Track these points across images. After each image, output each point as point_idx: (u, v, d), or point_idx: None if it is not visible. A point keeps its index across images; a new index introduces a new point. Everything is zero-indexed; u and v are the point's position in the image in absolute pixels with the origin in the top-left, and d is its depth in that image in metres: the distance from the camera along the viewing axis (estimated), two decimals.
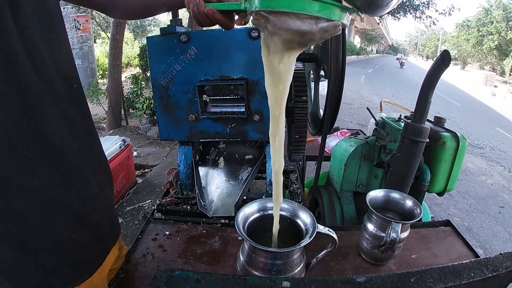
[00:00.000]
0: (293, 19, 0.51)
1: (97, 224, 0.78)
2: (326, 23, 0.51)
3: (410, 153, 1.15)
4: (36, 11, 0.63)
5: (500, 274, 0.47)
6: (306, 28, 0.51)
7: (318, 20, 0.51)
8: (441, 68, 1.05)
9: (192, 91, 1.13)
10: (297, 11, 0.50)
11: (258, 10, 0.54)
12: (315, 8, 0.50)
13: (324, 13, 0.50)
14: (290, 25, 0.51)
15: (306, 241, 0.66)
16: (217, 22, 0.67)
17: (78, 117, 0.74)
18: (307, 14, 0.50)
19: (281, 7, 0.50)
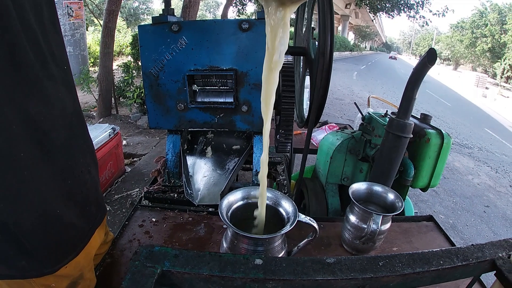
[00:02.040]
0: None
1: (83, 204, 0.79)
2: None
3: (393, 148, 1.17)
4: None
5: (470, 264, 0.49)
6: None
7: None
8: (426, 65, 1.07)
9: (182, 80, 1.14)
10: None
11: None
12: None
13: None
14: None
15: (287, 229, 0.68)
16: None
17: (68, 97, 0.74)
18: None
19: None
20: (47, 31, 0.68)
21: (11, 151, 0.59)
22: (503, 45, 30.85)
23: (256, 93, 1.12)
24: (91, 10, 9.17)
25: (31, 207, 0.65)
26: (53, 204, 0.69)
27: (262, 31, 1.04)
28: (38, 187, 0.65)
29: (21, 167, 0.61)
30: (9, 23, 0.57)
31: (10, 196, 0.61)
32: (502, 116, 13.43)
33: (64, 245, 0.73)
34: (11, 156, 0.59)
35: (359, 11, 34.46)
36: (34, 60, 0.63)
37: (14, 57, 0.58)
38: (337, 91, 10.99)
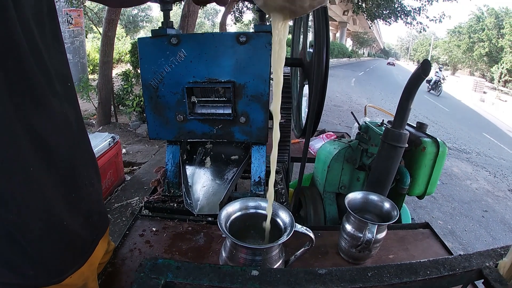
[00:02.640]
0: None
1: (87, 215, 0.81)
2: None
3: (389, 158, 1.19)
4: (35, 7, 0.66)
5: (456, 274, 0.52)
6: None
7: None
8: (421, 77, 1.09)
9: (181, 92, 1.16)
10: None
11: None
12: None
13: None
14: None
15: (284, 239, 0.70)
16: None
17: (72, 113, 0.77)
18: None
19: None
20: (51, 48, 0.71)
21: (19, 164, 0.62)
22: (501, 49, 31.00)
23: (254, 104, 1.14)
24: (90, 17, 9.23)
25: (37, 216, 0.66)
26: (58, 214, 0.71)
27: (260, 44, 1.07)
28: (44, 197, 0.67)
29: (27, 179, 0.64)
30: (16, 41, 0.59)
31: (16, 205, 0.63)
32: (500, 121, 13.46)
33: (70, 255, 0.75)
34: (19, 169, 0.62)
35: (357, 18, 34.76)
36: (40, 77, 0.65)
37: (22, 75, 0.61)
38: (336, 98, 11.04)
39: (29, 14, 0.63)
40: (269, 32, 1.08)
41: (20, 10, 0.60)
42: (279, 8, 0.58)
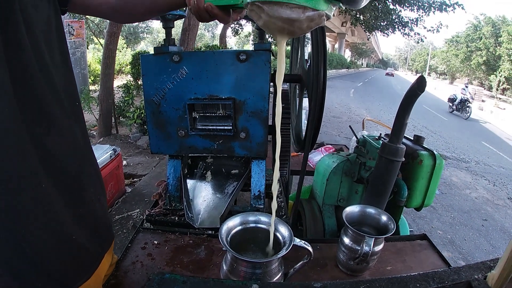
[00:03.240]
0: (284, 8, 0.58)
1: (94, 228, 0.84)
2: (312, 12, 0.59)
3: (386, 171, 1.22)
4: (44, 31, 0.70)
5: (445, 286, 0.54)
6: (294, 16, 0.59)
7: (305, 9, 0.59)
8: (416, 93, 1.12)
9: (183, 108, 1.19)
10: (287, 1, 0.58)
11: (253, 1, 0.61)
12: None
13: (310, 3, 0.58)
14: (280, 13, 0.59)
15: (283, 253, 0.72)
16: (215, 16, 0.75)
17: (79, 131, 0.80)
18: (296, 4, 0.58)
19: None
20: (60, 69, 0.75)
21: (30, 180, 0.65)
22: (498, 58, 31.16)
23: (253, 120, 1.17)
24: (91, 28, 9.31)
25: (46, 230, 0.69)
26: (66, 228, 0.73)
27: (259, 61, 1.11)
28: (53, 212, 0.70)
29: (38, 195, 0.67)
30: (28, 64, 0.63)
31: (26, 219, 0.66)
32: (499, 129, 13.48)
33: (77, 268, 0.78)
34: (30, 185, 0.65)
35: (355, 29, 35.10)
36: (50, 97, 0.69)
37: (33, 95, 0.65)
38: (335, 109, 11.07)
39: (41, 38, 0.67)
40: (268, 50, 1.11)
41: (31, 34, 0.64)
42: (279, 28, 0.63)
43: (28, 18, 0.63)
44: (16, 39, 0.60)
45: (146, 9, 0.92)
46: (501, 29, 30.83)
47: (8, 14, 0.59)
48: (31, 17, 0.64)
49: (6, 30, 0.58)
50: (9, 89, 0.59)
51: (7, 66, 0.59)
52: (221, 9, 0.74)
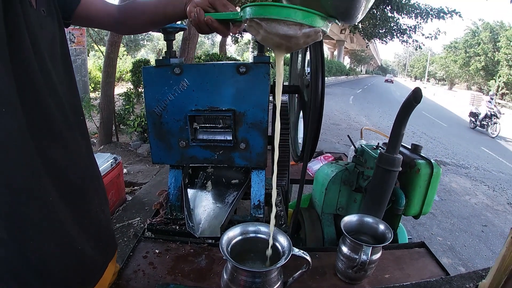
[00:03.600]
0: (281, 25, 0.62)
1: (98, 238, 0.85)
2: (308, 29, 0.63)
3: (383, 181, 1.24)
4: (50, 48, 0.72)
5: None
6: (291, 33, 0.62)
7: (302, 26, 0.62)
8: (412, 104, 1.15)
9: (184, 119, 1.21)
10: (285, 18, 0.61)
11: (252, 18, 0.65)
12: (299, 16, 0.61)
13: (307, 20, 0.62)
14: (278, 30, 0.62)
15: (282, 263, 0.74)
16: (215, 30, 0.79)
17: (84, 145, 0.83)
18: (293, 21, 0.61)
19: (271, 15, 0.62)
20: (65, 83, 0.77)
21: (37, 192, 0.67)
22: (497, 63, 31.26)
23: (253, 131, 1.19)
24: (91, 36, 9.37)
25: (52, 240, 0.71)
26: (72, 237, 0.75)
27: (258, 74, 1.13)
28: (59, 223, 0.72)
29: (44, 206, 0.69)
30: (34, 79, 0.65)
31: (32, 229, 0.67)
32: None
33: (83, 277, 0.79)
34: (37, 197, 0.67)
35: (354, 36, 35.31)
36: (55, 110, 0.71)
37: (40, 109, 0.67)
38: (334, 116, 11.08)
39: (46, 55, 0.70)
40: (267, 63, 1.14)
41: (38, 51, 0.67)
42: (277, 44, 0.66)
43: (34, 37, 0.66)
44: (23, 57, 0.63)
45: (147, 21, 0.95)
46: (500, 34, 30.99)
47: (15, 33, 0.62)
48: (37, 36, 0.67)
49: (13, 48, 0.61)
50: (16, 104, 0.62)
51: (15, 82, 0.61)
52: (220, 23, 0.77)
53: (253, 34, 0.68)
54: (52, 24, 0.75)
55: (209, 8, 0.79)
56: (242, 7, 0.69)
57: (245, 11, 0.67)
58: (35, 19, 0.68)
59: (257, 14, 0.64)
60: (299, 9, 0.61)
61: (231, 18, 0.76)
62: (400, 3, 9.96)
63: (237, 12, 0.73)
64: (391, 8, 10.22)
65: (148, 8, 0.93)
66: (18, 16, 0.62)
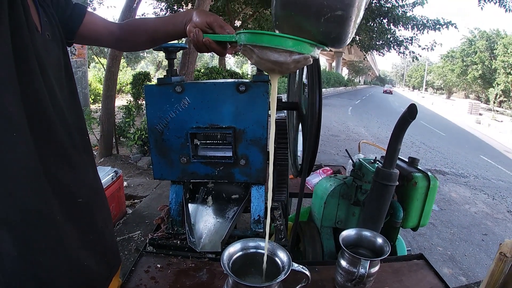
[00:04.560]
0: (272, 52, 0.66)
1: (103, 254, 0.88)
2: (298, 55, 0.67)
3: (381, 195, 1.26)
4: (56, 70, 0.76)
5: None
6: (282, 59, 0.66)
7: (292, 53, 0.66)
8: (408, 120, 1.18)
9: (185, 136, 1.23)
10: (275, 46, 0.65)
11: (245, 44, 0.69)
12: (289, 44, 0.65)
13: (296, 48, 0.66)
14: (269, 57, 0.66)
15: (281, 278, 0.76)
16: (212, 50, 0.83)
17: (89, 164, 0.86)
18: (283, 48, 0.65)
19: (263, 42, 0.66)
20: (70, 106, 0.80)
21: (45, 214, 0.70)
22: (494, 71, 31.38)
23: (253, 148, 1.22)
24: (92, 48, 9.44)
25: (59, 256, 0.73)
26: (78, 254, 0.78)
27: (257, 92, 1.16)
28: (66, 241, 0.74)
29: (52, 227, 0.71)
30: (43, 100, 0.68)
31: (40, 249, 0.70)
32: (497, 141, 13.50)
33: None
34: (45, 218, 0.70)
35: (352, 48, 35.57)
36: (62, 133, 0.74)
37: (48, 133, 0.70)
38: (333, 128, 11.09)
39: (52, 77, 0.73)
40: (266, 82, 1.17)
41: (45, 74, 0.70)
42: (269, 68, 0.71)
43: (41, 61, 0.69)
44: (31, 81, 0.66)
45: (148, 38, 0.98)
46: (496, 42, 31.20)
47: (23, 58, 0.65)
48: (43, 60, 0.70)
49: (22, 73, 0.64)
50: (25, 128, 0.64)
51: (23, 105, 0.64)
52: (218, 44, 0.82)
53: (247, 58, 0.72)
54: (57, 48, 0.79)
55: (207, 28, 0.83)
56: (237, 33, 0.73)
57: (240, 36, 0.72)
58: (41, 44, 0.71)
59: (250, 41, 0.68)
60: (289, 37, 0.65)
61: (227, 40, 0.81)
62: (397, 16, 10.10)
63: (233, 35, 0.78)
64: (387, 20, 10.36)
65: (149, 26, 0.96)
66: (26, 41, 0.66)
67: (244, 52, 0.72)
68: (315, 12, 0.63)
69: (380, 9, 9.93)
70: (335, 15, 0.62)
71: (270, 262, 0.87)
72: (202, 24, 0.83)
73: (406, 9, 10.65)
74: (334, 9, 0.62)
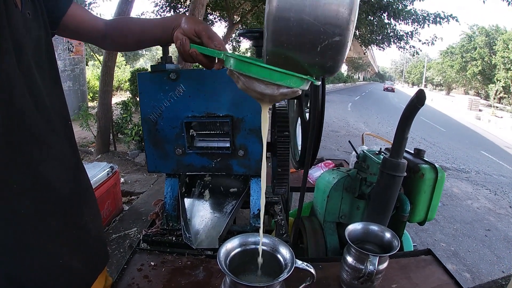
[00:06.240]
0: (260, 83, 0.61)
1: (87, 252, 0.81)
2: (287, 89, 0.61)
3: (388, 187, 1.20)
4: (35, 52, 0.69)
5: None
6: (268, 92, 0.62)
7: (280, 86, 0.61)
8: (416, 107, 1.12)
9: (180, 126, 1.17)
10: (264, 78, 0.60)
11: (232, 69, 0.64)
12: (277, 77, 0.59)
13: (285, 82, 0.60)
14: (256, 88, 0.62)
15: (284, 276, 0.69)
16: (199, 62, 0.78)
17: (71, 152, 0.79)
18: (271, 82, 0.60)
19: (251, 73, 0.60)
20: (51, 89, 0.73)
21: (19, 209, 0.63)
22: (493, 67, 31.43)
23: (252, 138, 1.16)
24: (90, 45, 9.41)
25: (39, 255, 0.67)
26: (57, 251, 0.71)
27: None
28: (46, 236, 0.68)
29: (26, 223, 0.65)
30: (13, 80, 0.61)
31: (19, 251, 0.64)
32: (497, 137, 13.54)
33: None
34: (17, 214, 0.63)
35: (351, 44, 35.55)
36: (40, 118, 0.67)
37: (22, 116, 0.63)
38: (333, 123, 11.09)
39: (32, 61, 0.66)
40: None
41: (22, 57, 0.63)
42: (255, 97, 0.66)
43: (17, 40, 0.62)
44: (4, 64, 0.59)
45: (135, 40, 0.94)
46: (495, 38, 31.24)
47: None
48: (21, 38, 0.64)
49: None
50: None
51: None
52: (205, 56, 0.77)
53: (234, 80, 0.67)
54: (39, 28, 0.71)
55: (195, 38, 0.79)
56: (226, 54, 0.68)
57: (227, 60, 0.67)
58: (19, 21, 0.64)
59: (237, 68, 0.63)
60: (279, 71, 0.59)
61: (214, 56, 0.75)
62: (397, 10, 10.04)
63: (221, 53, 0.72)
64: (388, 14, 10.30)
65: (137, 28, 0.92)
66: None
67: (230, 75, 0.67)
68: (311, 40, 0.56)
69: (380, 2, 9.87)
70: (333, 41, 0.56)
71: (272, 259, 0.80)
72: (190, 32, 0.78)
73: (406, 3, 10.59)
74: (332, 36, 0.56)
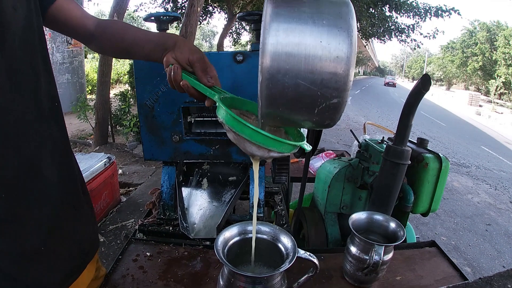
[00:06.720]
0: (251, 144, 0.59)
1: (74, 239, 0.78)
2: (277, 154, 0.60)
3: (392, 175, 1.16)
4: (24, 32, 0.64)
5: None
6: (259, 154, 0.60)
7: (271, 151, 0.59)
8: (421, 91, 1.07)
9: (177, 112, 1.14)
10: (256, 142, 0.57)
11: (223, 122, 0.61)
12: (270, 143, 0.57)
13: (277, 148, 0.58)
14: (246, 148, 0.60)
15: (286, 266, 0.66)
16: (190, 95, 0.73)
17: (59, 134, 0.75)
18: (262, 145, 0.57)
19: (243, 134, 0.58)
20: (41, 72, 0.70)
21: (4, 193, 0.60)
22: (494, 62, 31.33)
23: None
24: None
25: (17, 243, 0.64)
26: (42, 240, 0.68)
27: (256, 63, 1.05)
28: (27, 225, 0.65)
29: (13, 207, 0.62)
30: None
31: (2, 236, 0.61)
32: (497, 133, 13.55)
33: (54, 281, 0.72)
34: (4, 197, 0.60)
35: None
36: (29, 99, 0.64)
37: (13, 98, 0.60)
38: None
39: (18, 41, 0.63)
40: None
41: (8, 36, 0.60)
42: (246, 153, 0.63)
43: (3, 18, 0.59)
44: None
45: (123, 49, 0.87)
46: (496, 34, 31.11)
47: None
48: (6, 17, 0.60)
49: None
50: None
51: None
52: (197, 90, 0.72)
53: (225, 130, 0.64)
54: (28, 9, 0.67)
55: (187, 66, 0.73)
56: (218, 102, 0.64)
57: (220, 110, 0.62)
58: None
59: (230, 124, 0.59)
60: (273, 138, 0.57)
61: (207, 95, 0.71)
62: (399, 2, 9.97)
63: (215, 94, 0.68)
64: (389, 7, 10.23)
65: (129, 37, 0.84)
66: None
67: (221, 124, 0.63)
68: (308, 104, 0.53)
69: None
70: (330, 104, 0.53)
71: (273, 249, 0.77)
72: (183, 60, 0.73)
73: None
74: (329, 99, 0.53)
